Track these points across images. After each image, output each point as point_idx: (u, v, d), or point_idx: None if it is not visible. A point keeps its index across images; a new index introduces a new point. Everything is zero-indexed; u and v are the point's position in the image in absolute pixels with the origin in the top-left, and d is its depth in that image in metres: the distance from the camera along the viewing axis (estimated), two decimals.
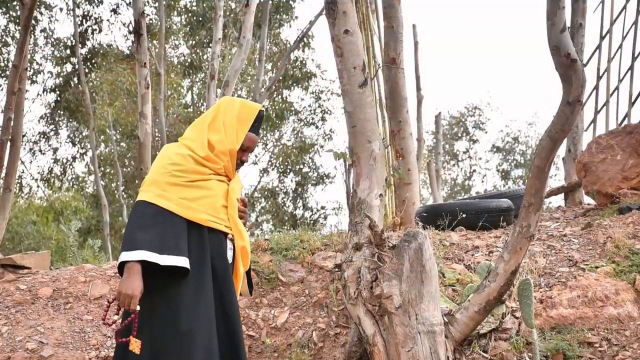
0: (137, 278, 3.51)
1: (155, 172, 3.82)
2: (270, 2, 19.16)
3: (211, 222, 3.81)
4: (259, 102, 16.06)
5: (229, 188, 3.96)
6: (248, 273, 4.20)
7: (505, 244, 5.20)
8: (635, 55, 10.35)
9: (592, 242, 6.88)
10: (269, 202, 26.77)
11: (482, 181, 34.44)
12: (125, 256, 3.53)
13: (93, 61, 22.53)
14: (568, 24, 4.72)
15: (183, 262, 3.58)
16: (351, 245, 5.22)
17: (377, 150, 5.48)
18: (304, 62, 23.91)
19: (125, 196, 24.00)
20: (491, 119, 41.90)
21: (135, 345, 3.51)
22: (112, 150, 24.04)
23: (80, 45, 21.42)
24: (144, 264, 3.53)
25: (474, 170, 34.65)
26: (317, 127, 26.11)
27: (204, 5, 21.74)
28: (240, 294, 4.10)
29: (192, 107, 26.40)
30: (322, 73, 24.92)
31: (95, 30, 22.44)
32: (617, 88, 10.44)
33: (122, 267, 3.56)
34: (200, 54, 23.60)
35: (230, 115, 3.95)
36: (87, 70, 21.94)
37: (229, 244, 3.92)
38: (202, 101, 25.16)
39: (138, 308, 3.51)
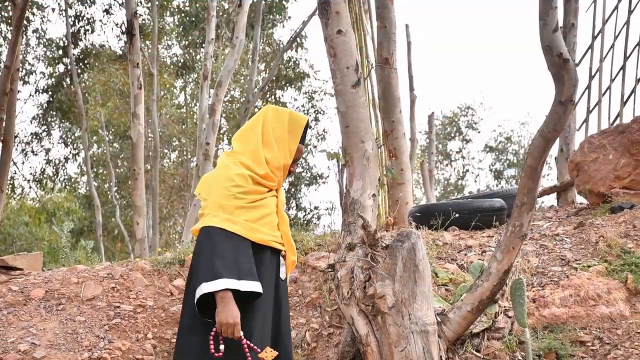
0: (232, 305, 3.53)
1: (219, 195, 3.75)
2: (263, 2, 19.16)
3: (272, 242, 3.81)
4: (252, 102, 16.07)
5: (278, 202, 3.95)
6: None
7: (498, 243, 5.21)
8: (627, 54, 10.39)
9: (585, 241, 6.90)
10: None
11: (475, 181, 34.54)
12: (208, 287, 3.53)
13: (85, 62, 22.50)
14: (560, 24, 4.74)
15: (258, 287, 3.60)
16: (344, 245, 5.23)
17: (370, 150, 5.49)
18: (297, 62, 23.92)
19: (118, 197, 23.98)
20: (484, 119, 41.94)
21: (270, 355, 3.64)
22: (105, 151, 24.01)
23: (72, 46, 21.40)
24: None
25: (467, 170, 34.73)
26: (310, 127, 26.11)
27: (197, 5, 21.72)
28: None
29: (185, 107, 26.38)
30: (315, 73, 24.96)
31: (88, 30, 22.42)
32: (609, 88, 10.47)
33: (204, 296, 3.58)
34: (193, 54, 23.59)
35: (280, 129, 3.89)
36: (79, 71, 21.91)
37: (282, 260, 3.92)
38: (195, 102, 25.15)
39: (241, 333, 3.55)
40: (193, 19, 22.07)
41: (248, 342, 3.59)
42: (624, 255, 6.39)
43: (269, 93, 24.25)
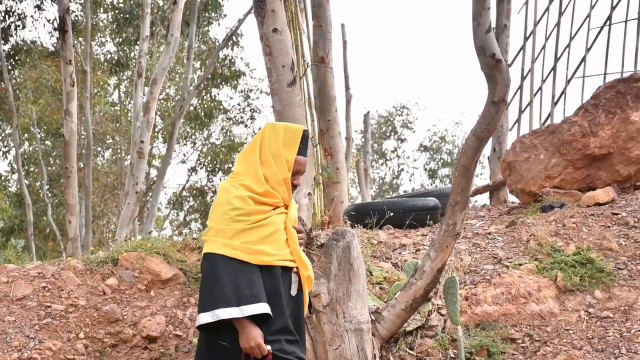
0: (250, 327, 3.56)
1: (218, 220, 3.74)
2: (199, 0, 19.03)
3: (277, 261, 3.71)
4: (187, 100, 15.95)
5: (287, 218, 3.83)
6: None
7: (432, 242, 5.27)
8: (558, 56, 10.57)
9: (516, 240, 7.00)
10: (198, 201, 26.58)
11: (410, 180, 34.79)
12: (204, 318, 3.56)
13: (16, 58, 22.06)
14: (493, 25, 4.80)
15: (262, 308, 3.56)
16: None
17: None
18: (232, 60, 23.79)
19: (50, 195, 23.57)
20: (419, 119, 42.29)
21: None
22: (37, 149, 23.58)
23: (2, 42, 20.96)
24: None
25: (402, 169, 34.97)
26: (246, 125, 26.04)
27: (131, 2, 21.47)
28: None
29: (119, 105, 26.08)
30: (251, 72, 24.86)
31: (19, 26, 21.98)
32: (540, 88, 10.65)
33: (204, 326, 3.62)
34: (128, 51, 23.31)
35: (275, 144, 3.80)
36: (10, 67, 21.46)
37: (294, 277, 3.81)
38: (129, 99, 24.86)
39: (269, 347, 3.57)
40: (127, 15, 21.80)
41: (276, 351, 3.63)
42: (553, 254, 6.51)
43: (204, 91, 24.10)
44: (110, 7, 23.09)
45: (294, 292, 3.78)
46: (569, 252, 6.52)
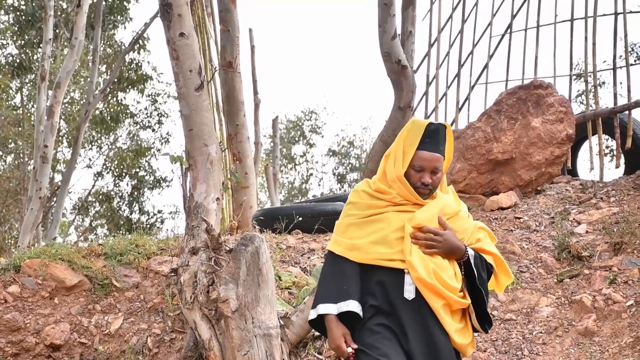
0: (332, 330, 3.48)
1: (341, 214, 3.73)
2: (104, 2, 18.74)
3: (380, 260, 3.51)
4: (92, 104, 15.67)
5: (411, 216, 3.56)
6: (481, 305, 3.64)
7: None
8: (462, 62, 10.77)
9: None
10: (104, 206, 26.14)
11: (319, 184, 34.91)
12: (311, 314, 3.57)
13: None
14: (399, 32, 4.87)
15: (351, 306, 3.47)
16: (188, 250, 5.19)
17: (214, 153, 5.47)
18: (139, 64, 23.49)
19: None
20: (327, 123, 42.59)
21: None
22: None
23: None
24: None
25: (311, 174, 35.07)
26: (153, 130, 25.72)
27: (33, 4, 21.00)
28: (474, 330, 3.65)
29: (21, 109, 25.45)
30: (159, 76, 24.58)
31: None
32: (445, 94, 10.83)
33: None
34: (30, 54, 22.78)
35: (398, 140, 3.63)
36: None
37: (407, 279, 3.49)
38: (32, 103, 24.29)
39: (350, 350, 3.46)
40: (29, 17, 21.31)
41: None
42: None
43: (110, 95, 23.73)
44: (11, 8, 22.53)
45: (408, 295, 3.48)
46: None
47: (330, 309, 3.49)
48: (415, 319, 3.47)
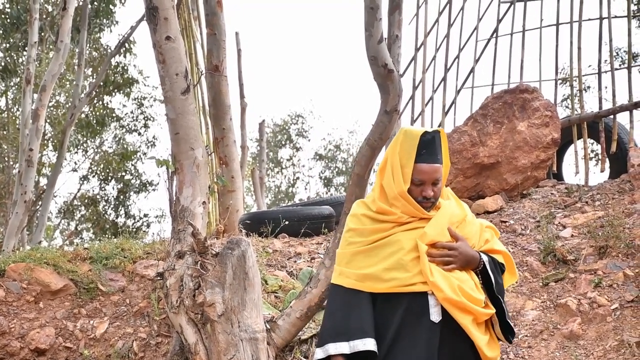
0: None
1: (341, 244, 3.47)
2: (90, 6, 18.69)
3: (397, 287, 3.27)
4: (78, 107, 15.63)
5: (422, 233, 3.34)
6: (501, 317, 3.45)
7: (327, 250, 5.31)
8: (448, 66, 10.80)
9: None
10: (90, 210, 26.06)
11: (306, 188, 34.92)
12: (317, 354, 3.30)
13: None
14: (385, 36, 4.88)
15: (368, 344, 3.20)
16: (174, 253, 5.18)
17: (200, 157, 5.46)
18: (125, 67, 23.43)
19: None
20: (314, 127, 42.60)
21: None
22: None
23: None
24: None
25: (298, 178, 35.07)
26: (139, 134, 25.66)
27: (19, 7, 20.91)
28: (499, 340, 3.46)
29: (6, 112, 25.34)
30: (145, 79, 24.55)
31: None
32: (431, 98, 10.84)
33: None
34: (15, 57, 22.69)
35: (392, 152, 3.40)
36: None
37: (432, 301, 3.27)
38: (17, 106, 24.19)
39: None
40: (14, 20, 21.22)
41: None
42: None
43: (96, 99, 23.66)
44: None
45: (435, 317, 3.26)
46: None
47: (342, 348, 3.25)
48: (443, 341, 3.26)
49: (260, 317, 5.03)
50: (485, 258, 3.42)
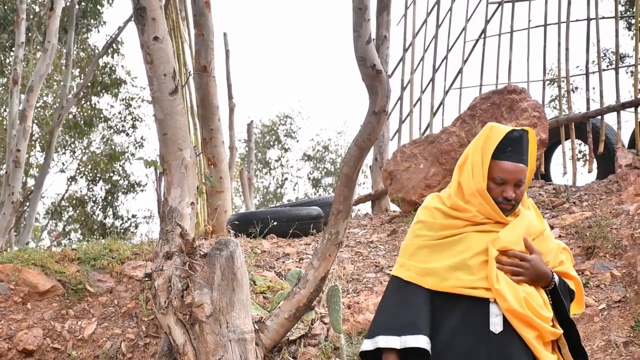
0: None
1: (408, 235, 3.31)
2: (77, 6, 18.63)
3: (461, 288, 3.08)
4: (66, 108, 15.58)
5: (495, 237, 3.14)
6: (573, 337, 3.23)
7: (315, 251, 5.31)
8: (436, 67, 10.81)
9: (397, 248, 7.11)
10: (77, 211, 25.98)
11: (294, 189, 34.88)
12: (365, 344, 3.13)
13: None
14: (373, 36, 4.88)
15: (420, 341, 3.02)
16: (162, 254, 5.17)
17: (189, 158, 5.45)
18: (113, 68, 23.38)
19: None
20: (302, 128, 42.51)
21: None
22: None
23: None
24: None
25: (286, 178, 35.03)
26: (127, 134, 25.61)
27: (5, 7, 20.83)
28: None
29: None
30: (133, 80, 24.49)
31: None
32: (419, 99, 10.86)
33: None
34: (2, 57, 22.61)
35: (475, 147, 3.20)
36: None
37: (494, 309, 3.07)
38: (4, 107, 24.10)
39: None
40: (1, 21, 21.15)
41: None
42: None
43: (84, 99, 23.60)
44: None
45: (495, 328, 3.05)
46: None
47: (392, 342, 3.06)
48: (500, 355, 3.04)
49: (249, 317, 5.03)
50: (557, 278, 3.19)
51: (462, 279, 3.07)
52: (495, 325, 3.05)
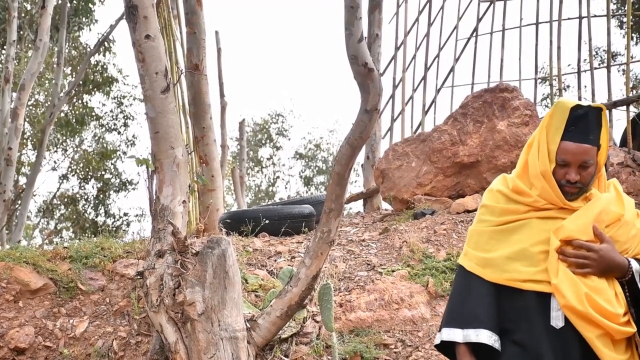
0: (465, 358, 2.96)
1: (474, 220, 3.15)
2: (69, 4, 18.60)
3: (518, 281, 2.92)
4: (57, 106, 15.55)
5: (559, 225, 2.94)
6: None
7: (307, 249, 5.30)
8: (428, 65, 10.83)
9: (389, 246, 7.12)
10: (69, 209, 25.94)
11: (286, 187, 34.92)
12: (436, 337, 3.07)
13: None
14: (365, 35, 4.89)
15: (481, 335, 2.90)
16: (154, 252, 5.16)
17: (181, 156, 5.44)
18: (105, 66, 23.36)
19: None
20: (294, 126, 42.63)
21: None
22: None
23: None
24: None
25: (278, 177, 35.07)
26: (119, 132, 25.61)
27: None
28: None
29: None
30: (124, 78, 24.48)
31: None
32: (411, 97, 10.88)
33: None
34: None
35: (542, 126, 3.00)
36: None
37: (554, 303, 2.88)
38: None
39: None
40: None
41: None
42: (425, 260, 6.66)
43: (75, 97, 23.56)
44: None
45: (556, 323, 2.87)
46: (440, 259, 6.69)
47: (455, 335, 2.96)
48: (562, 351, 2.86)
49: (241, 316, 5.03)
50: (635, 266, 2.93)
51: (521, 271, 2.91)
52: (556, 319, 2.88)
